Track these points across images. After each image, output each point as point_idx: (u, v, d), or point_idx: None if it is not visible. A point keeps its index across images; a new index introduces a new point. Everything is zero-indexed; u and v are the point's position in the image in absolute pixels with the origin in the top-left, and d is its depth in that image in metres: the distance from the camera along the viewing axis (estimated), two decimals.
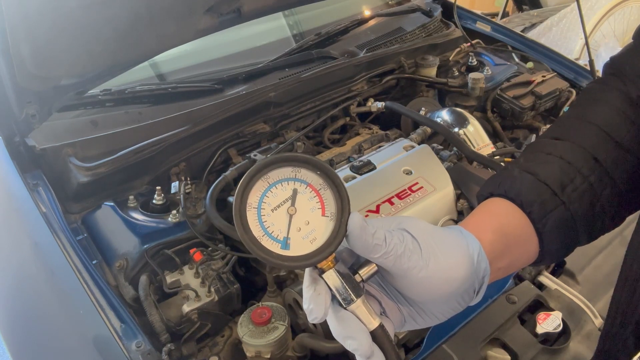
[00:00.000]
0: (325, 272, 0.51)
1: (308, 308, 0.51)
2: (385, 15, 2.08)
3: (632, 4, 3.56)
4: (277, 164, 0.51)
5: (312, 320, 0.51)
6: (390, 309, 0.56)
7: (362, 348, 0.50)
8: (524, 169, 0.62)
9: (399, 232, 0.52)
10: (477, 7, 3.47)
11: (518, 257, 0.60)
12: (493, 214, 0.61)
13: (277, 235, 0.50)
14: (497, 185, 0.63)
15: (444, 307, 0.55)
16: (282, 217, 0.51)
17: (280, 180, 0.51)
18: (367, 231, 0.51)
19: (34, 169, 1.28)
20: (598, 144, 0.62)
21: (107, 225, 1.23)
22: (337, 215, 0.52)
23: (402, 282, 0.53)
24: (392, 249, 0.51)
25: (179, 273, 1.14)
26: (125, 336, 0.95)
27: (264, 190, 0.51)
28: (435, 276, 0.52)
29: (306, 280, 0.52)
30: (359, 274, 0.53)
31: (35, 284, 1.14)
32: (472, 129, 1.54)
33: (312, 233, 0.51)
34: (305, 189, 0.52)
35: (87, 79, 1.29)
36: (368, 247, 0.51)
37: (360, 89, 1.72)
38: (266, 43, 1.88)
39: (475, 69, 1.93)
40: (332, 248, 0.51)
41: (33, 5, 1.13)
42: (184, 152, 1.40)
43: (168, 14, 1.30)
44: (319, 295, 0.51)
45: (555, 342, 1.06)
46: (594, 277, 1.19)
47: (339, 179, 0.52)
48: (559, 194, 0.59)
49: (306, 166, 0.52)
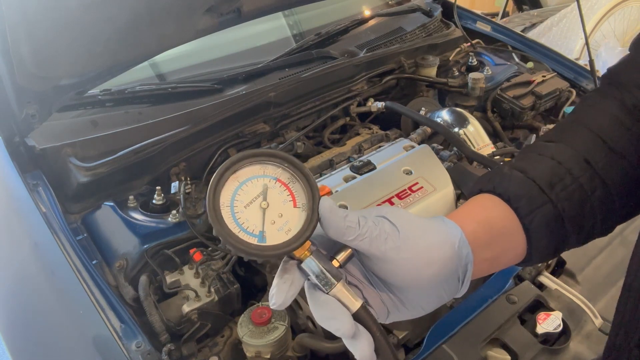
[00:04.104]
0: (303, 260, 0.53)
1: (270, 293, 0.52)
2: (385, 15, 2.08)
3: (632, 4, 3.56)
4: (244, 160, 0.53)
5: (272, 306, 0.52)
6: (373, 300, 0.56)
7: (345, 327, 0.51)
8: (514, 167, 0.63)
9: (375, 217, 0.53)
10: (477, 7, 3.47)
11: (504, 251, 0.60)
12: (479, 207, 0.62)
13: (253, 230, 0.52)
14: (486, 182, 0.63)
15: (428, 295, 0.55)
16: (256, 212, 0.52)
17: (250, 177, 0.53)
18: (337, 214, 0.52)
19: (33, 169, 1.28)
20: (591, 147, 0.62)
21: (107, 225, 1.23)
22: (309, 204, 0.53)
23: (382, 266, 0.53)
24: (366, 231, 0.52)
25: (179, 273, 1.14)
26: (125, 336, 0.95)
27: (234, 188, 0.52)
28: (414, 257, 0.52)
29: (279, 269, 0.54)
30: (336, 259, 0.54)
31: (35, 284, 1.14)
32: (472, 129, 1.54)
33: (287, 224, 0.53)
34: (275, 183, 0.54)
35: (87, 79, 1.29)
36: (340, 230, 0.52)
37: (360, 89, 1.72)
38: (266, 43, 1.88)
39: (475, 69, 1.93)
40: (308, 233, 0.52)
41: (33, 5, 1.13)
42: (184, 152, 1.40)
43: (168, 14, 1.30)
44: (284, 283, 0.52)
45: (556, 342, 1.06)
46: (594, 277, 1.19)
47: (306, 168, 0.54)
48: (547, 191, 0.59)
49: (273, 160, 0.54)
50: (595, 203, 0.60)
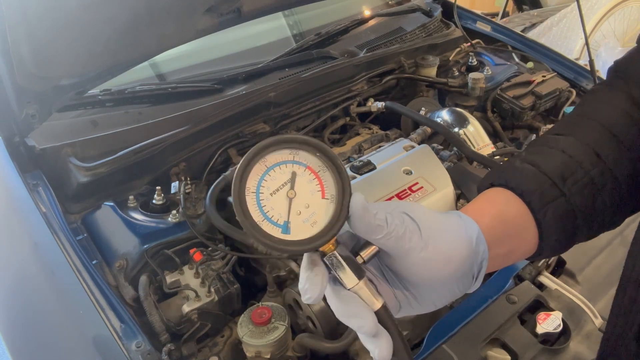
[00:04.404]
0: (326, 254, 0.51)
1: (303, 287, 0.50)
2: (385, 15, 2.08)
3: (632, 4, 3.56)
4: (275, 145, 0.50)
5: (306, 300, 0.50)
6: (386, 295, 0.55)
7: (368, 325, 0.50)
8: (526, 161, 0.62)
9: (399, 214, 0.52)
10: (477, 7, 3.47)
11: (517, 246, 0.60)
12: (493, 201, 0.61)
13: (277, 219, 0.49)
14: (498, 176, 0.63)
15: (442, 292, 0.55)
16: (282, 201, 0.49)
17: (278, 163, 0.50)
18: (369, 212, 0.50)
19: (33, 169, 1.28)
20: (600, 141, 0.62)
21: (107, 225, 1.23)
22: (338, 197, 0.51)
23: (403, 263, 0.52)
24: (393, 229, 0.50)
25: (179, 273, 1.14)
26: (125, 336, 0.95)
27: (262, 173, 0.49)
28: (434, 257, 0.51)
29: (304, 261, 0.52)
30: (360, 255, 0.52)
31: (35, 284, 1.14)
32: (472, 129, 1.54)
33: (313, 216, 0.50)
34: (304, 171, 0.51)
35: (87, 79, 1.29)
36: (370, 228, 0.50)
37: (360, 89, 1.72)
38: (266, 43, 1.88)
39: (475, 69, 1.93)
40: (335, 230, 0.50)
41: (33, 5, 1.13)
42: (184, 152, 1.40)
43: (168, 14, 1.30)
44: (316, 276, 0.50)
45: (556, 342, 1.06)
46: (594, 277, 1.19)
47: (339, 160, 0.51)
48: (559, 185, 0.59)
49: (305, 147, 0.51)
50: (606, 197, 0.60)
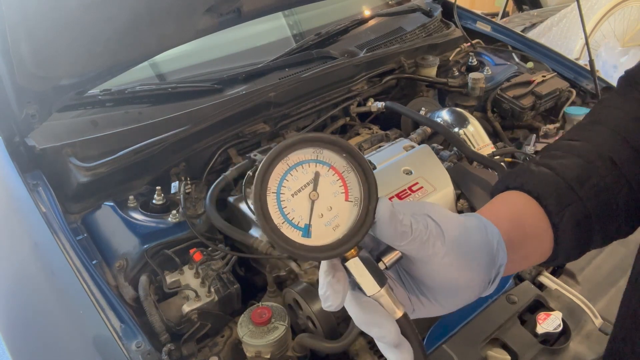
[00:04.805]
0: (348, 260, 0.48)
1: (324, 295, 0.48)
2: (385, 15, 2.08)
3: (632, 4, 3.56)
4: (300, 144, 0.47)
5: (327, 308, 0.48)
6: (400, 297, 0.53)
7: (391, 335, 0.48)
8: (541, 164, 0.62)
9: (423, 217, 0.50)
10: (477, 7, 3.47)
11: (532, 251, 0.59)
12: (509, 204, 0.60)
13: (298, 222, 0.47)
14: (513, 179, 0.62)
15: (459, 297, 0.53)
16: (303, 203, 0.47)
17: (301, 162, 0.47)
18: (396, 218, 0.48)
19: (33, 169, 1.28)
20: (614, 147, 0.61)
21: (107, 225, 1.23)
22: (363, 200, 0.48)
23: (424, 268, 0.51)
24: (417, 235, 0.48)
25: (179, 273, 1.14)
26: (125, 336, 0.95)
27: (283, 173, 0.47)
28: (456, 263, 0.50)
29: (324, 265, 0.49)
30: (382, 261, 0.50)
31: (35, 284, 1.14)
32: (472, 129, 1.54)
33: (335, 219, 0.48)
34: (328, 171, 0.48)
35: (87, 79, 1.29)
36: (396, 235, 0.48)
37: (360, 89, 1.72)
38: (266, 43, 1.88)
39: (475, 69, 1.93)
40: (359, 237, 0.48)
41: (33, 5, 1.13)
42: (184, 152, 1.40)
43: (168, 14, 1.30)
44: (338, 282, 0.48)
45: (556, 342, 1.06)
46: (594, 277, 1.19)
47: (367, 162, 0.49)
48: (576, 189, 0.58)
49: (330, 147, 0.48)
50: (620, 203, 0.60)
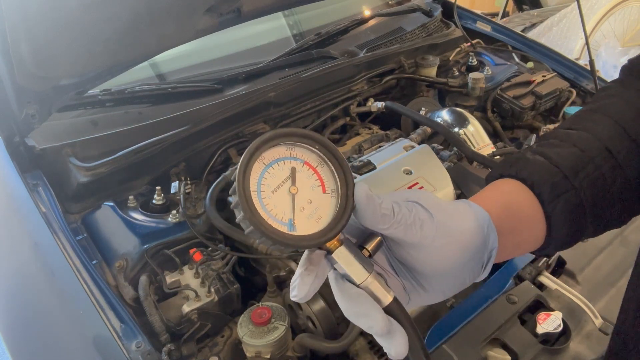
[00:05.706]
0: (333, 251, 0.49)
1: (293, 284, 0.49)
2: (385, 15, 2.08)
3: (632, 4, 3.56)
4: (272, 141, 0.49)
5: (293, 297, 0.49)
6: (396, 287, 0.54)
7: (378, 324, 0.48)
8: (537, 153, 0.62)
9: (407, 203, 0.51)
10: (477, 7, 3.47)
11: (524, 238, 0.59)
12: (502, 191, 0.60)
13: (282, 217, 0.48)
14: (508, 167, 0.62)
15: (453, 281, 0.53)
16: (284, 198, 0.48)
17: (276, 160, 0.49)
18: (374, 200, 0.49)
19: (33, 169, 1.28)
20: (612, 137, 0.61)
21: (107, 225, 1.23)
22: (341, 190, 0.50)
23: (415, 253, 0.51)
24: (401, 218, 0.49)
25: (179, 273, 1.14)
26: (125, 336, 0.95)
27: (260, 171, 0.48)
28: (448, 244, 0.50)
29: (303, 258, 0.50)
30: (365, 248, 0.51)
31: (35, 284, 1.14)
32: (472, 129, 1.54)
33: (317, 212, 0.49)
34: (303, 166, 0.50)
35: (87, 79, 1.29)
36: (376, 218, 0.49)
37: (360, 89, 1.72)
38: (266, 43, 1.88)
39: (475, 69, 1.93)
40: (343, 222, 0.49)
41: (33, 5, 1.13)
42: (184, 152, 1.40)
43: (168, 14, 1.30)
44: (309, 275, 0.48)
45: (556, 342, 1.06)
46: (594, 277, 1.19)
47: (339, 152, 0.50)
48: (571, 178, 0.58)
49: (302, 141, 0.50)
50: (615, 193, 0.59)
